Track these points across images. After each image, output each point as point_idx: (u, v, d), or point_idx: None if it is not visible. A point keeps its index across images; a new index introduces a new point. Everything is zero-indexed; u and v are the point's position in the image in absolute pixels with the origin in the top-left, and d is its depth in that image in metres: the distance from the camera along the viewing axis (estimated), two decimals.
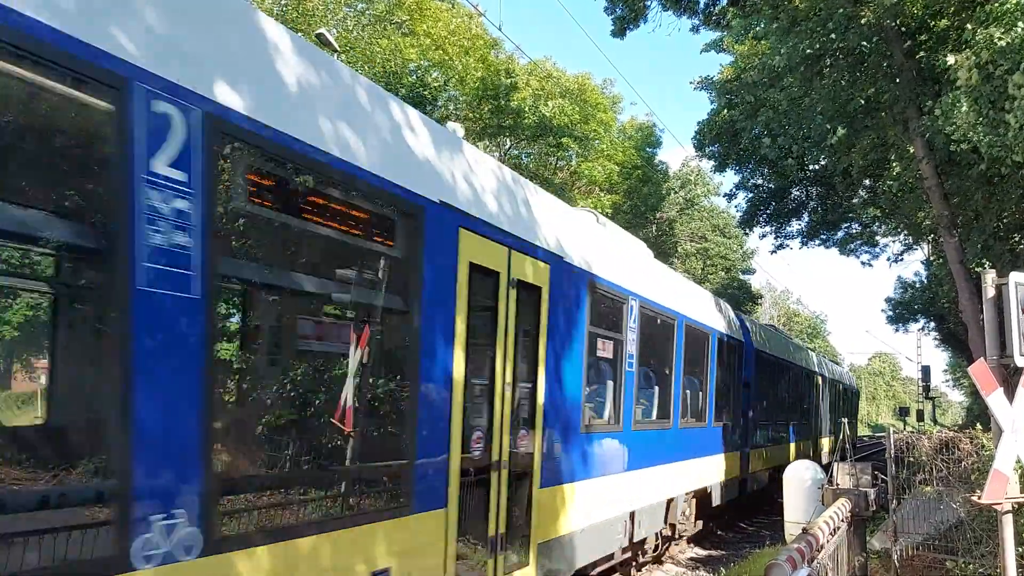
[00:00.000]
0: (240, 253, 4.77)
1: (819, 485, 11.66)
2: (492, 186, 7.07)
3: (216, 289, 4.05)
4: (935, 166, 15.89)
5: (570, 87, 31.07)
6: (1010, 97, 9.61)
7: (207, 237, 3.85)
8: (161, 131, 3.65)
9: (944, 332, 39.37)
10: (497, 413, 6.76)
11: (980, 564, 8.59)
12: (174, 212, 3.68)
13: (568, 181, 34.42)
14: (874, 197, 26.80)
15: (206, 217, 3.85)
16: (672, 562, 13.26)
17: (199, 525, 3.81)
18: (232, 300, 5.40)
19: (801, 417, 25.00)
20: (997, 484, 6.86)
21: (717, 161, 28.84)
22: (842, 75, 16.44)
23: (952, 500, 9.16)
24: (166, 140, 3.67)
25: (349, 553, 4.89)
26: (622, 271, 9.95)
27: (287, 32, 4.82)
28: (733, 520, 17.67)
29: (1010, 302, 6.94)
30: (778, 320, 74.43)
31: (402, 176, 5.50)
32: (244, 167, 4.38)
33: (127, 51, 3.49)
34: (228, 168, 4.28)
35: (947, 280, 20.89)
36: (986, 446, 8.66)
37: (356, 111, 5.28)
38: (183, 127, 3.75)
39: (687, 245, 44.26)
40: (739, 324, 17.02)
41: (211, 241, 3.88)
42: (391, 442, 5.74)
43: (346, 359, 5.38)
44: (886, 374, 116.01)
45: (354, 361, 5.33)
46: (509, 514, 6.98)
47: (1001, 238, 15.46)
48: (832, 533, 7.36)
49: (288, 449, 5.06)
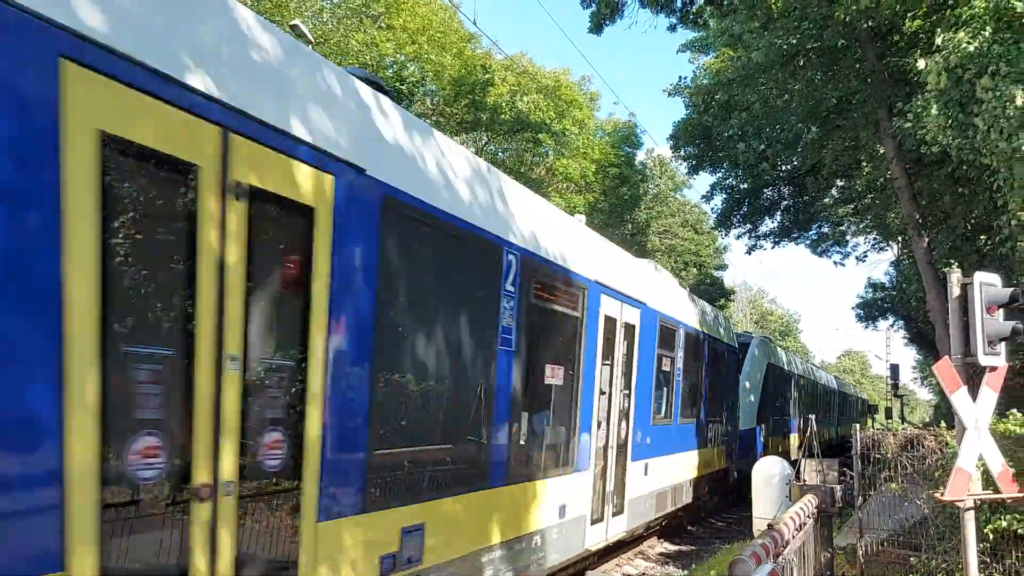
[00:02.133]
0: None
1: (787, 481, 11.79)
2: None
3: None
4: (905, 167, 16.10)
5: (546, 83, 31.03)
6: (978, 101, 9.74)
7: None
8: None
9: (913, 331, 39.84)
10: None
11: (943, 560, 8.72)
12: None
13: (545, 178, 34.41)
14: (845, 197, 27.13)
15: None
16: (642, 557, 13.33)
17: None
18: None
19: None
20: (960, 481, 6.96)
21: (692, 162, 28.92)
22: (816, 73, 16.60)
23: (916, 497, 9.29)
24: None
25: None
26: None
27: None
28: (703, 516, 17.80)
29: (974, 302, 7.04)
30: (751, 318, 75.01)
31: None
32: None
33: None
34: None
35: (916, 279, 21.18)
36: (950, 444, 8.79)
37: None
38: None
39: (655, 239, 44.30)
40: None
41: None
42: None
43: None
44: (856, 372, 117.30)
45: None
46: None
47: (968, 239, 15.69)
48: (798, 529, 7.44)
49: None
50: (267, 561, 4.50)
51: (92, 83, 3.52)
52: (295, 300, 4.83)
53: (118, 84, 3.63)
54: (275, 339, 4.75)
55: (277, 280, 4.80)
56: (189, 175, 4.00)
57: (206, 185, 4.06)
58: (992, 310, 7.14)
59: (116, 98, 3.64)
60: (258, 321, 4.46)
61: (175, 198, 4.02)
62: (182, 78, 3.94)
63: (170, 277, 4.04)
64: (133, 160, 3.78)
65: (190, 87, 3.98)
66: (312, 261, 4.82)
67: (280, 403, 4.72)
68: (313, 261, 4.83)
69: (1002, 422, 8.29)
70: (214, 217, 4.10)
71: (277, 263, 4.79)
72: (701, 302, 16.70)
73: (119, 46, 3.64)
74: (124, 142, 3.67)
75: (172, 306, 4.04)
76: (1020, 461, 7.96)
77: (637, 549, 13.50)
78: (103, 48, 3.56)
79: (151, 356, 3.95)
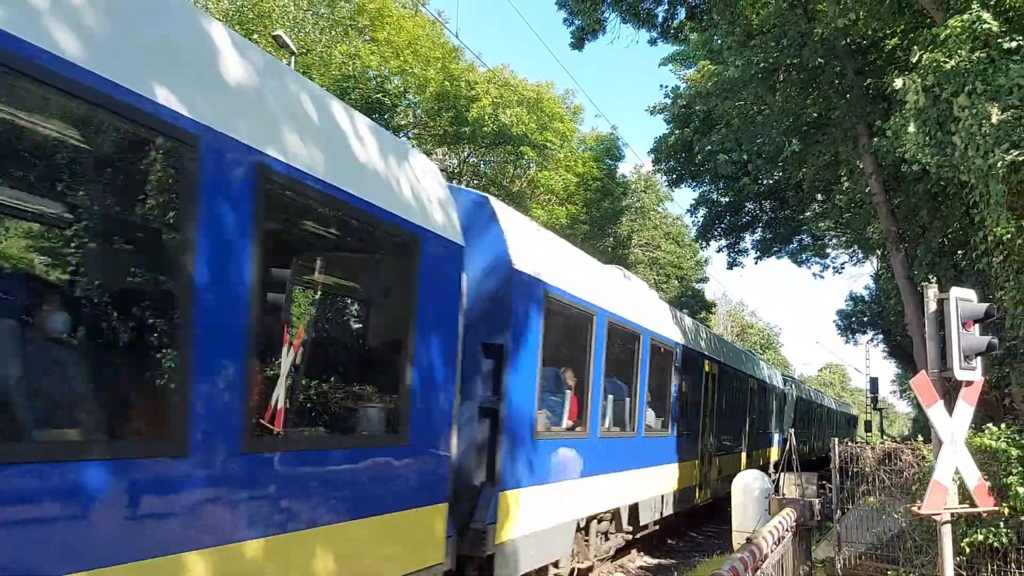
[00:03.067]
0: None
1: (766, 495, 11.82)
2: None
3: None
4: (883, 183, 16.27)
5: (528, 96, 31.16)
6: (955, 119, 9.87)
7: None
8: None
9: (892, 344, 40.17)
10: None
11: (920, 573, 8.78)
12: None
13: (527, 191, 34.50)
14: (825, 211, 27.39)
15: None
16: (622, 571, 13.31)
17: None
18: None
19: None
20: (936, 495, 7.02)
21: (674, 176, 29.08)
22: (795, 89, 16.77)
23: (894, 510, 9.34)
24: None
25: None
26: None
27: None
28: (684, 529, 17.81)
29: (950, 317, 7.12)
30: (732, 331, 75.35)
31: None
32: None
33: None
34: None
35: (894, 293, 21.37)
36: (927, 457, 8.86)
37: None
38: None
39: (638, 252, 44.49)
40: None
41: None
42: None
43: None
44: (836, 385, 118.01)
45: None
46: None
47: (946, 254, 15.85)
48: (777, 542, 7.46)
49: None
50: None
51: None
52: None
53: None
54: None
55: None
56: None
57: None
58: (968, 325, 7.22)
59: None
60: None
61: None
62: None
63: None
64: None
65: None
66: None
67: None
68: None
69: (978, 436, 8.36)
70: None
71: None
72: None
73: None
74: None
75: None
76: (996, 475, 8.04)
77: (617, 562, 13.48)
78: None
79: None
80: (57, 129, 3.98)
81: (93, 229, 4.47)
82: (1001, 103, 9.37)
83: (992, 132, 9.30)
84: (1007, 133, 9.19)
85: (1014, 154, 9.03)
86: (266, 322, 4.93)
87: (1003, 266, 10.21)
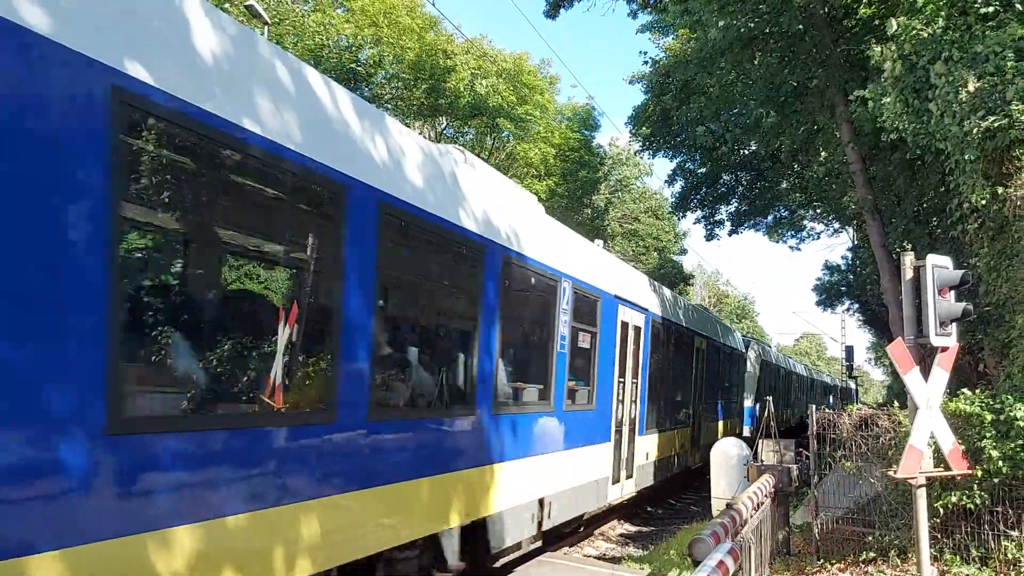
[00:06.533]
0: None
1: (744, 462, 11.94)
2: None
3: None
4: (860, 152, 16.33)
5: (507, 67, 30.88)
6: (932, 86, 9.89)
7: None
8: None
9: (867, 314, 40.60)
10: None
11: (896, 536, 8.91)
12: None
13: (504, 163, 34.34)
14: (802, 182, 27.46)
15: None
16: (603, 538, 13.45)
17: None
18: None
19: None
20: (912, 459, 7.11)
21: (652, 146, 28.84)
22: (774, 58, 16.72)
23: (870, 475, 9.46)
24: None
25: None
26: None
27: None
28: (663, 496, 18.00)
29: (927, 284, 7.18)
30: (708, 301, 75.72)
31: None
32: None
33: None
34: None
35: (871, 263, 21.54)
36: (903, 423, 8.96)
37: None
38: None
39: (615, 225, 44.49)
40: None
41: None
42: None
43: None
44: (812, 354, 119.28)
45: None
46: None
47: (921, 222, 15.97)
48: (756, 508, 7.55)
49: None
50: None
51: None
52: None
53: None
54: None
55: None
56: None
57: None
58: (944, 292, 7.28)
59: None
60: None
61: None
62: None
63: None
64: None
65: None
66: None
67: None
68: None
69: (953, 401, 8.47)
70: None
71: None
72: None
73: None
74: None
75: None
76: (970, 439, 8.15)
77: (599, 530, 13.61)
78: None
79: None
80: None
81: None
82: (977, 70, 9.40)
83: (968, 99, 9.33)
84: (983, 100, 9.23)
85: (989, 120, 9.07)
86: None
87: (977, 233, 10.30)
